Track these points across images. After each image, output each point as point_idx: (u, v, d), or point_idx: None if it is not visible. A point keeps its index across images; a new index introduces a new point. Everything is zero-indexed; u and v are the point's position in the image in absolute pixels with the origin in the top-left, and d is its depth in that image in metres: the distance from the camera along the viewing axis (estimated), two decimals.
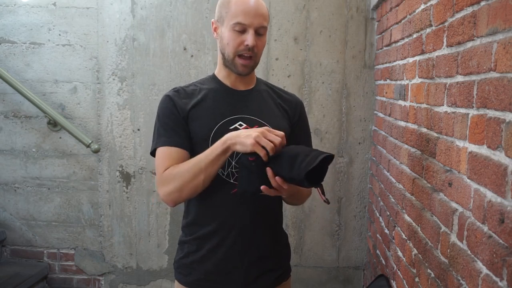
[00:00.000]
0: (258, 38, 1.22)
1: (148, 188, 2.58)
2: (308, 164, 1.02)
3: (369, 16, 2.41)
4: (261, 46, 1.25)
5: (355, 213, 2.53)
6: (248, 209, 1.26)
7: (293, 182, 1.08)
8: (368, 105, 2.46)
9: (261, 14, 1.22)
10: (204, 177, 1.17)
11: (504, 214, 0.83)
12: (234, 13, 1.20)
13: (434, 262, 1.22)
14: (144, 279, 2.65)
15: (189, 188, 1.18)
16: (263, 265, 1.31)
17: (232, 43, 1.22)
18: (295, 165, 1.04)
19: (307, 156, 1.04)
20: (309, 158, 1.04)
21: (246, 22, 1.19)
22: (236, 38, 1.21)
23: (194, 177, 1.17)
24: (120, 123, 2.56)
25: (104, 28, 2.51)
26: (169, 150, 1.23)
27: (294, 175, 1.05)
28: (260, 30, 1.22)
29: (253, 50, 1.22)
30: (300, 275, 2.55)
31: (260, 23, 1.21)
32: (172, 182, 1.19)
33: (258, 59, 1.27)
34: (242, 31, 1.20)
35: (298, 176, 1.03)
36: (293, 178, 1.06)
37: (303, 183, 1.04)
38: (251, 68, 1.27)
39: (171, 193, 1.20)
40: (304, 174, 1.02)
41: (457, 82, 1.11)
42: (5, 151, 2.63)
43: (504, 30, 0.85)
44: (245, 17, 1.19)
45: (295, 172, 1.04)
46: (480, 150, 0.96)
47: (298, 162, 1.04)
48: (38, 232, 2.67)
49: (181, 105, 1.26)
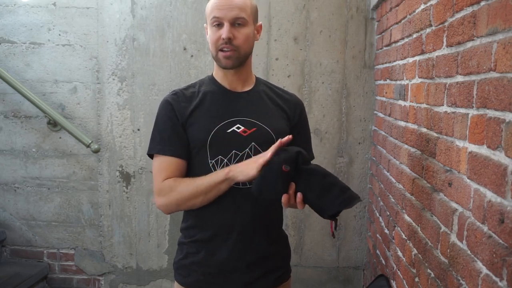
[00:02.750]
0: (236, 29, 1.21)
1: (148, 188, 2.58)
2: (344, 203, 1.07)
3: (369, 16, 2.41)
4: (241, 38, 1.22)
5: (355, 213, 2.53)
6: (248, 211, 1.26)
7: (316, 207, 1.11)
8: (368, 105, 2.46)
9: (236, 5, 1.21)
10: (203, 199, 1.22)
11: (504, 214, 0.83)
12: (211, 10, 1.23)
13: (434, 262, 1.22)
14: (144, 279, 2.65)
15: (186, 205, 1.25)
16: (263, 266, 1.30)
17: (212, 39, 1.23)
18: (329, 196, 1.07)
19: (343, 193, 1.08)
20: (345, 196, 1.07)
21: (220, 15, 1.21)
22: (214, 34, 1.22)
23: (193, 198, 1.21)
24: (120, 123, 2.56)
25: (104, 28, 2.51)
26: (166, 160, 1.25)
27: (323, 204, 1.08)
28: (238, 21, 1.22)
29: (231, 43, 1.21)
30: (300, 275, 2.55)
31: (235, 14, 1.21)
32: (171, 195, 1.23)
33: (243, 51, 1.24)
34: (219, 25, 1.22)
35: (328, 208, 1.08)
36: (318, 204, 1.09)
37: (325, 214, 1.09)
38: (235, 59, 1.24)
39: (169, 205, 1.25)
40: (336, 210, 1.06)
41: (457, 82, 1.11)
42: (5, 151, 2.63)
43: (504, 30, 0.85)
44: (218, 11, 1.21)
45: (327, 202, 1.08)
46: (480, 150, 0.96)
47: (334, 196, 1.07)
48: (38, 232, 2.67)
49: (180, 109, 1.26)
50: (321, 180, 1.09)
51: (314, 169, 1.11)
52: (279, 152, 1.12)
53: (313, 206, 1.12)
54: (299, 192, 1.10)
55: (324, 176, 1.10)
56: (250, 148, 1.25)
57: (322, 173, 1.11)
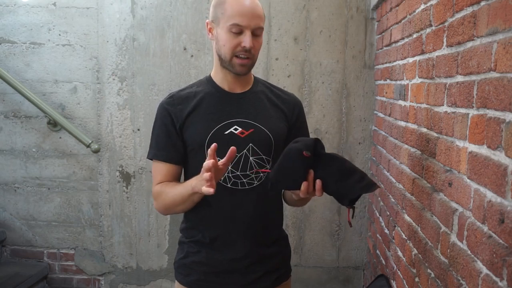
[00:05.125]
0: (254, 39, 1.21)
1: (148, 188, 2.58)
2: (366, 187, 1.06)
3: (369, 16, 2.41)
4: (258, 47, 1.24)
5: (355, 213, 2.53)
6: (247, 212, 1.26)
7: (335, 193, 1.09)
8: (368, 105, 2.46)
9: (258, 15, 1.20)
10: (183, 207, 1.27)
11: (504, 214, 0.83)
12: (230, 14, 1.18)
13: (434, 262, 1.22)
14: (144, 279, 2.65)
15: (171, 211, 1.33)
16: (263, 265, 1.30)
17: (229, 45, 1.20)
18: (349, 181, 1.06)
19: (363, 178, 1.07)
20: (365, 182, 1.06)
21: (243, 24, 1.18)
22: (232, 40, 1.19)
23: (175, 205, 1.27)
24: (120, 123, 2.56)
25: (104, 28, 2.51)
26: (160, 165, 1.31)
27: (343, 189, 1.07)
28: (257, 31, 1.21)
29: (250, 52, 1.21)
30: (300, 275, 2.55)
31: (257, 24, 1.20)
32: (159, 200, 1.30)
33: (256, 58, 1.26)
34: (238, 33, 1.19)
35: (349, 192, 1.06)
36: (338, 190, 1.08)
37: (345, 200, 1.07)
38: (249, 67, 1.26)
39: (160, 209, 1.33)
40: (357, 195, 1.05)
41: (457, 82, 1.11)
42: (5, 151, 2.63)
43: (504, 30, 0.85)
44: (241, 19, 1.17)
45: (347, 187, 1.06)
46: (480, 150, 0.96)
47: (354, 180, 1.06)
48: (38, 232, 2.67)
49: (176, 112, 1.27)
50: (341, 165, 1.08)
51: (333, 154, 1.10)
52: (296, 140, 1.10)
53: (333, 193, 1.09)
54: (318, 179, 1.07)
55: (344, 161, 1.09)
56: (248, 149, 1.25)
57: (342, 159, 1.10)
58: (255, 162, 1.25)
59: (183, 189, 1.22)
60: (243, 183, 1.25)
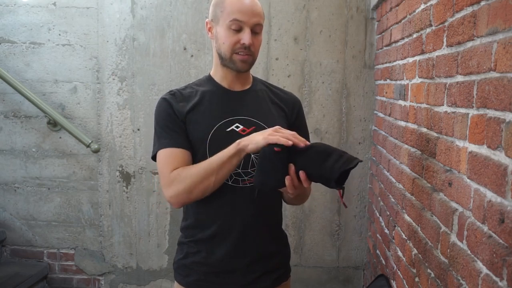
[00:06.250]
0: (254, 36, 1.21)
1: (148, 188, 2.58)
2: (345, 164, 1.03)
3: (369, 16, 2.41)
4: (257, 45, 1.24)
5: (355, 213, 2.53)
6: (248, 210, 1.26)
7: (320, 178, 1.07)
8: (368, 105, 2.46)
9: (257, 12, 1.21)
10: (215, 179, 1.17)
11: (504, 214, 0.83)
12: (230, 11, 1.19)
13: (434, 262, 1.22)
14: (144, 279, 2.65)
15: (198, 189, 1.18)
16: (263, 265, 1.30)
17: (229, 42, 1.21)
18: (327, 163, 1.04)
19: (341, 156, 1.05)
20: (344, 159, 1.04)
21: (243, 19, 1.19)
22: (232, 37, 1.20)
23: (205, 179, 1.16)
24: (120, 123, 2.56)
25: (104, 28, 2.51)
26: (173, 151, 1.22)
27: (325, 172, 1.04)
28: (256, 29, 1.22)
29: (250, 49, 1.22)
30: (300, 275, 2.55)
31: (256, 21, 1.21)
32: (181, 183, 1.18)
33: (256, 56, 1.27)
34: (238, 30, 1.20)
35: (330, 174, 1.03)
36: (322, 175, 1.05)
37: (331, 182, 1.04)
38: (250, 64, 1.26)
39: (179, 194, 1.19)
40: (339, 173, 1.02)
41: (457, 82, 1.11)
42: (5, 151, 2.63)
43: (504, 30, 0.85)
44: (241, 15, 1.19)
45: (327, 169, 1.03)
46: (480, 150, 0.96)
47: (332, 161, 1.04)
48: (38, 232, 2.67)
49: (178, 108, 1.26)
50: (318, 150, 1.07)
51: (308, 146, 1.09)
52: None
53: (318, 179, 1.08)
54: (301, 170, 1.07)
55: (319, 145, 1.09)
56: None
57: (317, 143, 1.10)
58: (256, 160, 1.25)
59: (222, 153, 1.15)
60: (244, 181, 1.25)
